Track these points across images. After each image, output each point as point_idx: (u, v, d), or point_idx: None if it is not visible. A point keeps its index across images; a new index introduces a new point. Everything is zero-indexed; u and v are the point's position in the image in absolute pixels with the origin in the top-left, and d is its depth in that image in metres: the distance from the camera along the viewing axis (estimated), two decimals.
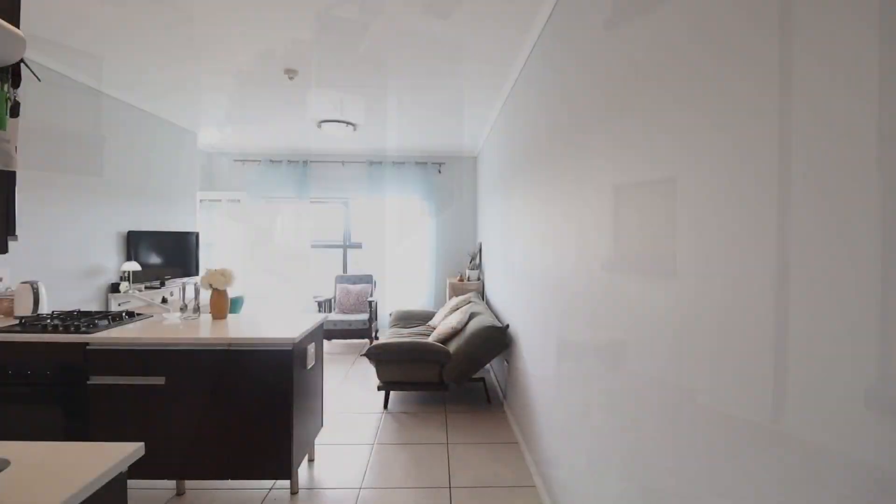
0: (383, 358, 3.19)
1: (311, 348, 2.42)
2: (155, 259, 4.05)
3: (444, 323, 3.63)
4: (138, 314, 2.63)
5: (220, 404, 2.12)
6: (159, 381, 2.13)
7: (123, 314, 2.57)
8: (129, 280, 3.70)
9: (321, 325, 2.65)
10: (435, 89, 3.45)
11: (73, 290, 3.24)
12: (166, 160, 4.33)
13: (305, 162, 5.84)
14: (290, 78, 3.11)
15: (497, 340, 3.10)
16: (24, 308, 2.55)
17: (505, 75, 3.13)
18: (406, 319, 4.53)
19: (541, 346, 2.37)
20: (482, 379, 3.47)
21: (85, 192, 3.34)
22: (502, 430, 3.00)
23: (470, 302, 4.06)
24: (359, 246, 6.13)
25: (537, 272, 2.45)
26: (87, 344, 2.13)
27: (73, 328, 2.20)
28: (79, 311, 2.59)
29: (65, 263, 3.17)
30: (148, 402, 2.13)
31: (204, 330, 2.27)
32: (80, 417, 2.13)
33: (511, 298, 3.27)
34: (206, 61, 2.92)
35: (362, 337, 4.95)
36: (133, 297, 3.83)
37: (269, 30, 2.50)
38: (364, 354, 3.23)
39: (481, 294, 5.05)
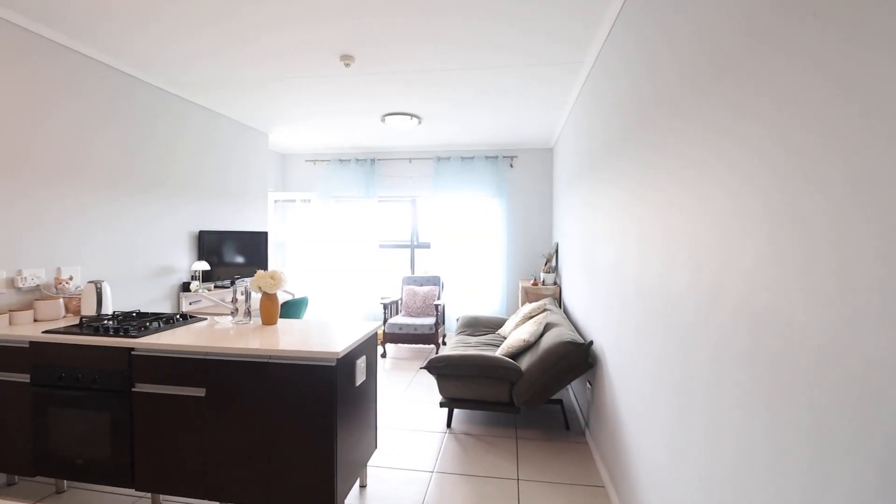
0: (444, 372, 2.84)
1: (362, 362, 2.13)
2: (225, 258, 4.08)
3: (514, 334, 3.20)
4: (192, 317, 2.53)
5: (260, 422, 1.90)
6: (200, 392, 1.96)
7: (177, 317, 2.48)
8: (199, 279, 3.74)
9: (374, 336, 2.36)
10: (504, 70, 3.03)
11: (146, 289, 3.29)
12: (238, 161, 4.37)
13: (373, 160, 5.71)
14: (347, 65, 2.87)
15: (577, 359, 2.60)
16: (89, 308, 2.56)
17: (585, 48, 2.63)
18: (474, 326, 4.15)
19: (635, 369, 1.85)
20: (560, 401, 2.98)
21: (158, 193, 3.39)
22: (584, 468, 2.50)
23: (545, 310, 3.58)
24: (427, 246, 5.88)
25: (631, 280, 1.93)
26: (133, 349, 2.02)
27: (121, 331, 2.12)
28: (137, 313, 2.55)
29: (138, 263, 3.22)
30: (189, 414, 1.97)
31: (247, 338, 2.07)
32: (126, 426, 2.03)
33: (595, 308, 2.75)
34: (253, 49, 2.77)
35: (428, 342, 4.66)
36: (203, 297, 3.88)
37: (318, 9, 2.26)
38: (424, 367, 2.90)
39: (558, 300, 4.52)
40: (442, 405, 2.95)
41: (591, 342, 2.65)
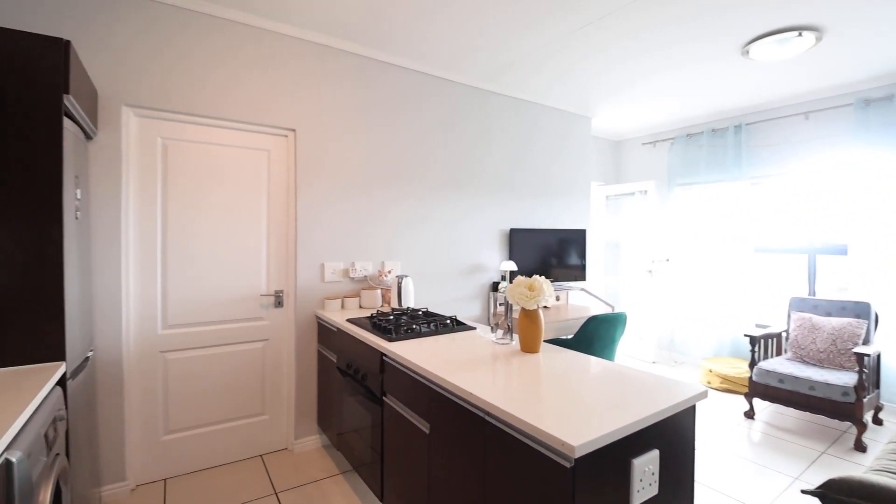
0: None
1: (649, 463, 1.12)
2: (536, 259, 3.71)
3: None
4: (460, 324, 2.19)
5: (476, 498, 1.27)
6: (425, 427, 1.53)
7: (449, 321, 2.20)
8: (507, 279, 3.52)
9: (689, 412, 1.26)
10: None
11: (456, 286, 3.32)
12: (554, 152, 3.93)
13: (737, 126, 4.00)
14: None
15: None
16: (395, 301, 2.69)
17: None
18: None
19: None
20: None
21: (470, 191, 3.38)
22: None
23: None
24: (840, 251, 3.61)
25: None
26: (384, 354, 1.83)
27: (388, 331, 1.98)
28: (424, 312, 2.45)
29: (450, 260, 3.28)
30: (417, 449, 1.58)
31: (483, 370, 1.48)
32: (380, 435, 1.87)
33: None
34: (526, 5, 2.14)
35: (839, 416, 2.71)
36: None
37: None
38: (813, 494, 1.45)
39: None
40: None
41: None
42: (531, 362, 1.57)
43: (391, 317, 2.29)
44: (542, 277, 1.69)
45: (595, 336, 2.96)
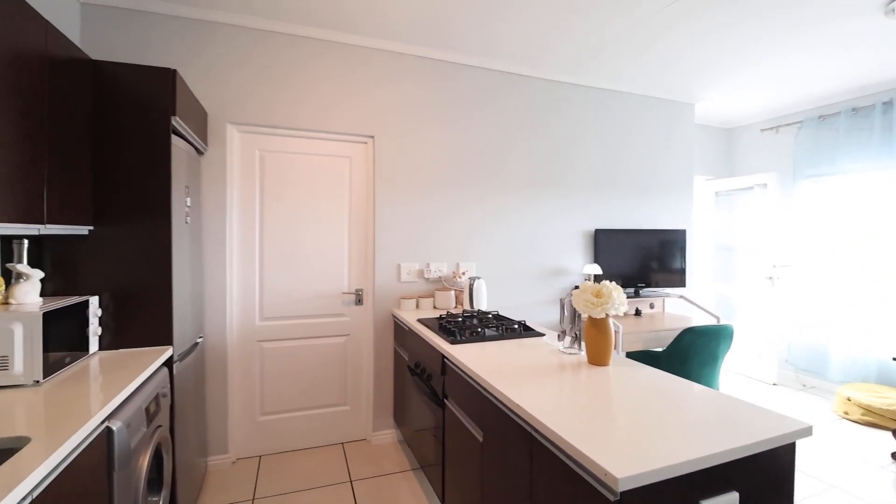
0: None
1: None
2: (624, 262, 3.42)
3: None
4: (529, 329, 2.10)
5: None
6: (479, 435, 1.49)
7: (517, 326, 2.13)
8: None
9: (789, 448, 1.05)
10: None
11: (534, 289, 3.20)
12: (649, 144, 3.58)
13: (887, 103, 3.25)
14: None
15: None
16: (467, 303, 2.67)
17: None
18: None
19: None
20: None
21: (552, 191, 3.23)
22: None
23: None
24: None
25: None
26: (444, 356, 1.83)
27: (451, 333, 1.98)
28: (494, 315, 2.40)
29: (528, 262, 3.17)
30: (470, 456, 1.55)
31: (537, 384, 1.40)
32: (441, 437, 1.87)
33: None
34: None
35: None
36: None
37: None
38: None
39: None
40: None
41: None
42: (597, 377, 1.44)
43: (459, 319, 2.27)
44: (612, 283, 1.54)
45: (691, 351, 2.64)
